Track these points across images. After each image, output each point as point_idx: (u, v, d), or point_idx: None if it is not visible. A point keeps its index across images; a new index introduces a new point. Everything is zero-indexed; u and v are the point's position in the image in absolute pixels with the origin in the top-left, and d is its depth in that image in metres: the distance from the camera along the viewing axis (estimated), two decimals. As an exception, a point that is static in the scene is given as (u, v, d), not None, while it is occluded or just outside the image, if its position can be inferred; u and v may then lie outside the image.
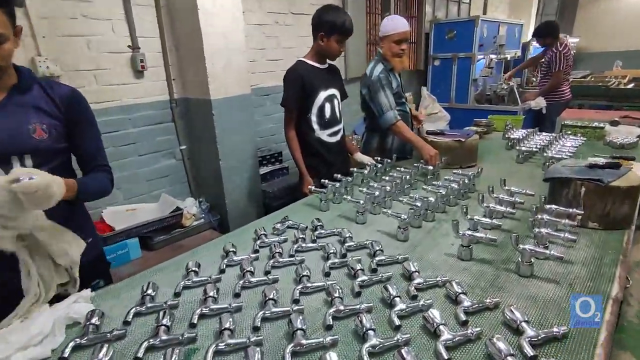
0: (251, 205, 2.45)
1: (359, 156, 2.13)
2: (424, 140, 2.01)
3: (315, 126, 1.90)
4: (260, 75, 2.77)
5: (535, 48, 6.14)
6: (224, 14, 2.10)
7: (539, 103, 3.77)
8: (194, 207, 2.34)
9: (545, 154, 1.93)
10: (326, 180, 1.66)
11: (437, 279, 1.02)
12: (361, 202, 1.45)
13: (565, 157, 1.90)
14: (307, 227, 1.42)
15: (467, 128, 2.87)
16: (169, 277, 1.11)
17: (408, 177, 1.71)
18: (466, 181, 1.61)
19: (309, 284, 1.03)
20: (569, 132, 2.54)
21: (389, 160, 2.00)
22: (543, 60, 3.91)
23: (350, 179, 1.73)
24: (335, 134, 1.97)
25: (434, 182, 1.68)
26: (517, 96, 4.24)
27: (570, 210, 1.22)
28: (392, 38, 2.03)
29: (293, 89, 1.82)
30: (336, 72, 2.03)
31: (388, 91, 2.05)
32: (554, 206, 1.25)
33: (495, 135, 2.80)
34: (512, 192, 1.47)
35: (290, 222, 1.46)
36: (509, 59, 4.77)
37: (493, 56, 4.16)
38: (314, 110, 1.87)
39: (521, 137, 2.36)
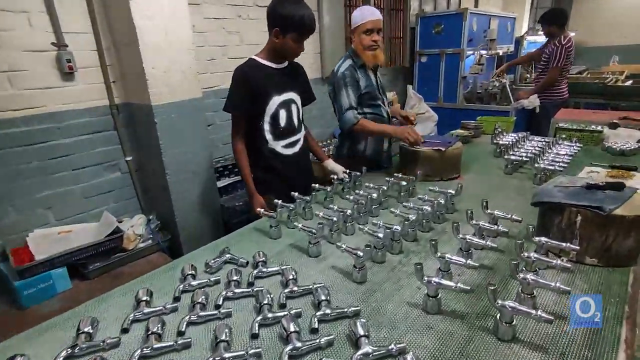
0: (207, 223, 2.21)
1: (330, 164, 1.89)
2: (394, 127, 1.88)
3: (268, 136, 1.66)
4: (221, 75, 2.53)
5: (529, 43, 5.98)
6: (163, 6, 1.84)
7: (532, 102, 3.57)
8: (141, 227, 2.09)
9: (537, 165, 1.71)
10: (279, 201, 1.43)
11: (391, 347, 0.79)
12: (314, 230, 1.22)
13: (559, 168, 1.69)
14: (247, 263, 1.19)
15: (453, 132, 2.66)
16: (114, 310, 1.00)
17: (375, 195, 1.48)
18: (442, 202, 1.38)
19: (226, 355, 0.80)
20: (564, 137, 2.34)
21: (358, 174, 1.78)
22: (543, 53, 3.70)
23: (308, 198, 1.50)
24: (292, 144, 1.73)
25: (404, 204, 1.45)
26: (510, 94, 4.05)
27: (564, 244, 1.01)
28: (362, 28, 1.84)
29: (238, 93, 1.59)
30: (298, 73, 1.80)
31: (350, 90, 1.86)
32: (543, 239, 1.03)
33: (484, 139, 2.60)
34: (495, 218, 1.25)
35: (228, 255, 1.23)
36: (501, 54, 4.58)
37: (483, 52, 3.96)
38: (266, 117, 1.63)
39: (510, 143, 2.15)
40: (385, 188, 1.58)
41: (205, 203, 2.18)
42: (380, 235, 1.16)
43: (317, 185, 1.62)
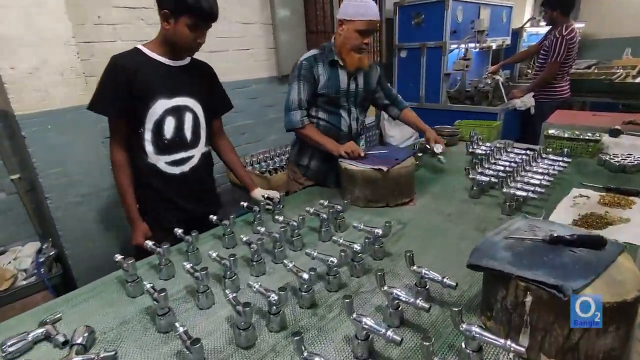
0: (111, 250, 1.87)
1: (258, 193, 1.56)
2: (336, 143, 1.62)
3: (149, 147, 1.33)
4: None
5: (529, 35, 5.58)
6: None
7: (525, 102, 3.20)
8: (30, 258, 1.76)
9: (504, 190, 1.35)
10: (149, 243, 1.10)
11: None
12: (199, 276, 0.90)
13: (533, 195, 1.33)
14: (65, 342, 0.86)
15: (416, 140, 2.30)
16: None
17: (278, 235, 1.13)
18: (356, 249, 1.03)
19: None
20: (550, 148, 1.97)
21: (277, 200, 1.44)
22: (542, 46, 3.32)
23: (191, 237, 1.16)
24: (180, 162, 1.39)
25: (333, 238, 1.11)
26: (503, 93, 3.67)
27: (501, 342, 0.66)
28: (356, 26, 1.55)
29: (109, 88, 1.27)
30: (203, 75, 1.47)
31: (303, 85, 1.63)
32: (474, 328, 0.68)
33: (462, 147, 2.23)
34: (423, 279, 0.90)
35: (41, 331, 0.89)
36: (494, 47, 4.20)
37: (471, 45, 3.59)
38: (148, 124, 1.30)
39: (486, 153, 1.80)
40: (305, 218, 1.24)
41: (106, 230, 1.85)
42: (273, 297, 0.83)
43: (214, 218, 1.28)
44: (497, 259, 0.75)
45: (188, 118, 1.37)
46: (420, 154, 1.94)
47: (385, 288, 0.83)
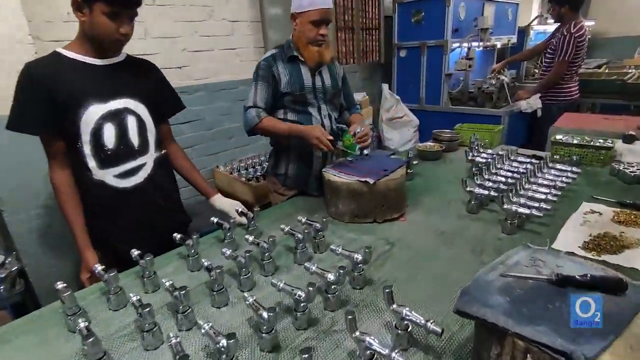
0: (77, 268, 1.74)
1: (218, 201, 1.43)
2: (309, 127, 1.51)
3: (91, 162, 1.18)
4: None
5: (537, 34, 5.42)
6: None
7: (532, 104, 3.04)
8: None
9: (505, 206, 1.21)
10: (98, 267, 0.98)
11: None
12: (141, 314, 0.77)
13: (537, 212, 1.18)
14: None
15: (420, 145, 2.16)
16: None
17: (243, 260, 1.00)
18: (329, 279, 0.90)
19: None
20: (558, 155, 1.83)
21: (251, 215, 1.31)
22: (549, 45, 3.16)
23: (145, 261, 1.03)
24: (132, 173, 1.25)
25: (307, 263, 0.98)
26: (508, 94, 3.52)
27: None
28: (309, 17, 1.49)
29: (28, 103, 1.11)
30: (144, 72, 1.31)
31: (260, 85, 1.56)
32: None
33: (462, 153, 2.08)
34: (404, 320, 0.76)
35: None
36: (499, 46, 4.04)
37: (474, 43, 3.44)
38: (84, 136, 1.15)
39: (487, 162, 1.65)
40: (275, 239, 1.10)
41: (71, 246, 1.71)
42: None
43: (178, 236, 1.15)
44: (491, 305, 0.61)
45: (131, 122, 1.22)
46: (415, 162, 1.80)
47: (357, 334, 0.70)
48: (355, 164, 1.49)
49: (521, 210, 1.18)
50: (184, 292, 0.87)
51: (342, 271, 0.95)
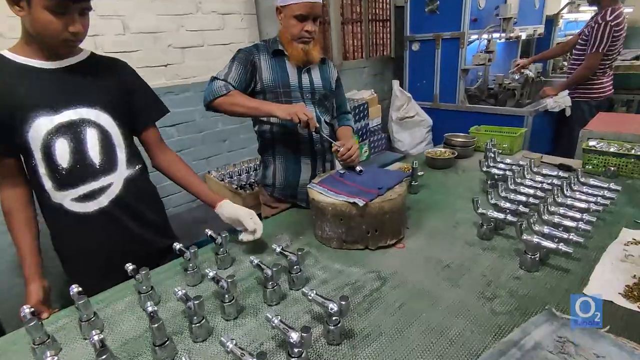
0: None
1: (227, 209, 1.20)
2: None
3: (47, 183, 1.03)
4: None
5: (567, 23, 5.03)
6: None
7: (559, 102, 2.76)
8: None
9: (524, 236, 1.00)
10: (27, 309, 0.85)
11: None
12: None
13: (565, 248, 0.97)
14: None
15: (429, 151, 1.93)
16: None
17: (192, 307, 0.83)
18: (292, 340, 0.72)
19: None
20: (591, 165, 1.58)
21: (225, 234, 1.15)
22: (581, 34, 2.86)
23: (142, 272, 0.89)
24: (94, 195, 1.08)
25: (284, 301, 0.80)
26: (533, 91, 3.23)
27: None
28: (292, 10, 1.36)
29: None
30: (111, 74, 1.12)
31: (236, 66, 1.39)
32: None
33: (476, 160, 1.85)
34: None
35: None
36: (524, 38, 3.71)
37: (495, 35, 3.16)
38: (36, 152, 1.01)
39: (504, 174, 1.43)
40: (235, 280, 0.93)
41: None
42: None
43: (177, 247, 1.00)
44: None
45: (91, 135, 1.05)
46: (420, 173, 1.59)
47: None
48: (347, 178, 1.30)
49: (545, 243, 0.97)
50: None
51: (311, 329, 0.76)
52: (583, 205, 1.17)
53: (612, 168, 1.55)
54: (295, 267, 1.00)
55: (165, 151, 1.28)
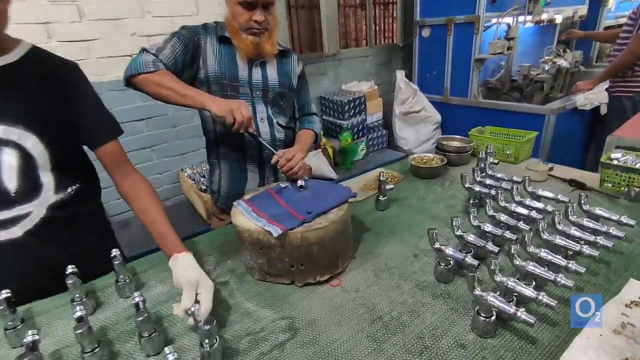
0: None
1: (176, 270, 0.94)
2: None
3: None
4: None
5: (619, 3, 4.43)
6: None
7: (592, 98, 2.37)
8: None
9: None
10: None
11: None
12: None
13: (542, 303, 0.74)
14: None
15: (416, 156, 1.67)
16: None
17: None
18: None
19: None
20: (611, 183, 1.29)
21: (201, 319, 1.00)
22: (628, 16, 2.46)
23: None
24: (8, 224, 0.92)
25: None
26: (561, 85, 2.82)
27: None
28: None
29: None
30: (42, 82, 0.93)
31: (175, 42, 1.19)
32: None
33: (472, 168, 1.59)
34: None
35: None
36: (559, 22, 3.25)
37: (521, 18, 2.77)
38: None
39: (487, 194, 1.19)
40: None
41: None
42: None
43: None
44: None
45: (8, 159, 0.88)
46: (389, 187, 1.36)
47: None
48: (284, 195, 1.11)
49: (500, 305, 0.73)
50: None
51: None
52: (575, 245, 0.90)
53: (637, 189, 1.24)
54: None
55: (127, 174, 1.05)
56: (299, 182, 1.13)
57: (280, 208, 1.02)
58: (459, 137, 1.84)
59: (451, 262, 0.93)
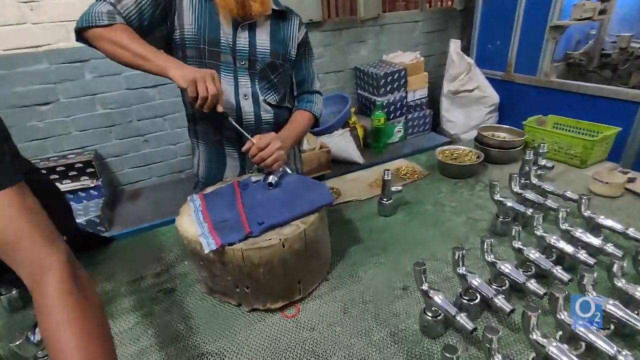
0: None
1: None
2: None
3: None
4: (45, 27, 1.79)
5: None
6: None
7: None
8: None
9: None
10: None
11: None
12: None
13: None
14: None
15: (445, 148, 1.36)
16: None
17: None
18: None
19: None
20: None
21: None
22: None
23: None
24: None
25: None
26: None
27: None
28: None
29: None
30: None
31: None
32: None
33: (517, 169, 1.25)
34: None
35: None
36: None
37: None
38: None
39: (523, 213, 0.90)
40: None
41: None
42: None
43: None
44: None
45: None
46: (397, 188, 1.10)
47: None
48: (247, 193, 0.91)
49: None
50: None
51: None
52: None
53: None
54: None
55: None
56: (269, 179, 0.92)
57: (233, 211, 0.83)
58: (506, 127, 1.48)
59: (439, 313, 0.69)
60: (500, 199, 0.96)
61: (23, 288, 0.54)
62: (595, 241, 0.79)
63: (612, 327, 0.64)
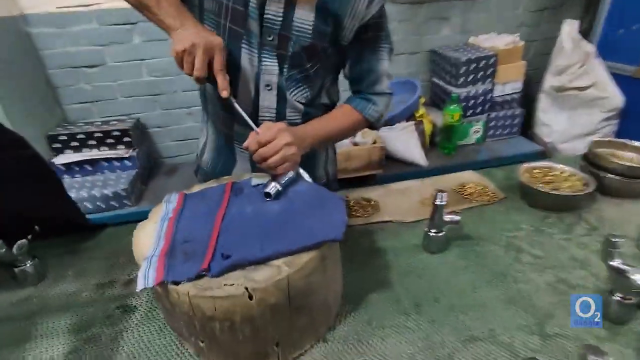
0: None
1: None
2: None
3: None
4: None
5: None
6: None
7: None
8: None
9: None
10: None
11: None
12: None
13: None
14: None
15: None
16: None
17: None
18: None
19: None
20: None
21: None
22: None
23: None
24: None
25: None
26: None
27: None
28: None
29: None
30: None
31: None
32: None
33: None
34: None
35: None
36: None
37: None
38: None
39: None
40: None
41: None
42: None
43: None
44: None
45: None
46: (456, 217, 0.80)
47: None
48: (240, 202, 0.69)
49: None
50: None
51: None
52: None
53: None
54: None
55: None
56: (269, 187, 0.69)
57: (206, 228, 0.62)
58: (637, 144, 1.04)
59: None
60: (621, 266, 0.61)
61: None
62: None
63: None
